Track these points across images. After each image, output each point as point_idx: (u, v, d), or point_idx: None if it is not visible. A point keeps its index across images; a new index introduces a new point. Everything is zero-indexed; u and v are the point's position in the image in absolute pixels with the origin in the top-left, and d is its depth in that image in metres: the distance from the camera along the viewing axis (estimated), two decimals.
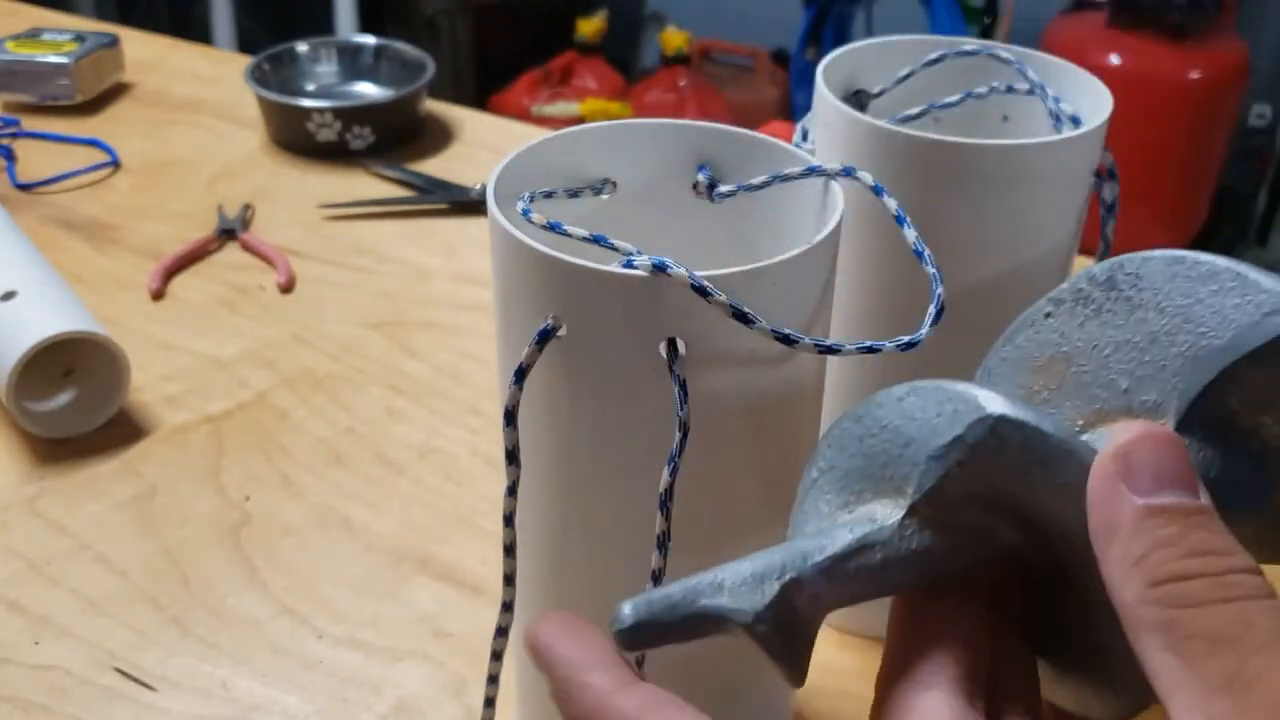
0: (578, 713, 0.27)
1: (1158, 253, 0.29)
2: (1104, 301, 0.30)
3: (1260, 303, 0.27)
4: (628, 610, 0.27)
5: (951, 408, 0.27)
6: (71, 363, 0.68)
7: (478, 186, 0.93)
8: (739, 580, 0.27)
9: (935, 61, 0.52)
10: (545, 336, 0.36)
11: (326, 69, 1.08)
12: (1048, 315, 0.31)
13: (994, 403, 0.26)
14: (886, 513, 0.28)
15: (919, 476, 0.27)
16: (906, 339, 0.35)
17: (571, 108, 2.33)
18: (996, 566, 0.29)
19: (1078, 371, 0.30)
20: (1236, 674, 0.23)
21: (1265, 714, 0.22)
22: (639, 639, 0.27)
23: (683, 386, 0.34)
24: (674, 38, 2.43)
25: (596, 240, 0.38)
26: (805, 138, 0.51)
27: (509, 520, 0.39)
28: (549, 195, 0.41)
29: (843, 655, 0.54)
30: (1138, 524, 0.25)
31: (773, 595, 0.27)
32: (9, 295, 0.67)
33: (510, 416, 0.37)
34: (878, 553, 0.28)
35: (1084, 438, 0.29)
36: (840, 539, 0.28)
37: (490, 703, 0.44)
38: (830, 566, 0.27)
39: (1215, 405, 0.28)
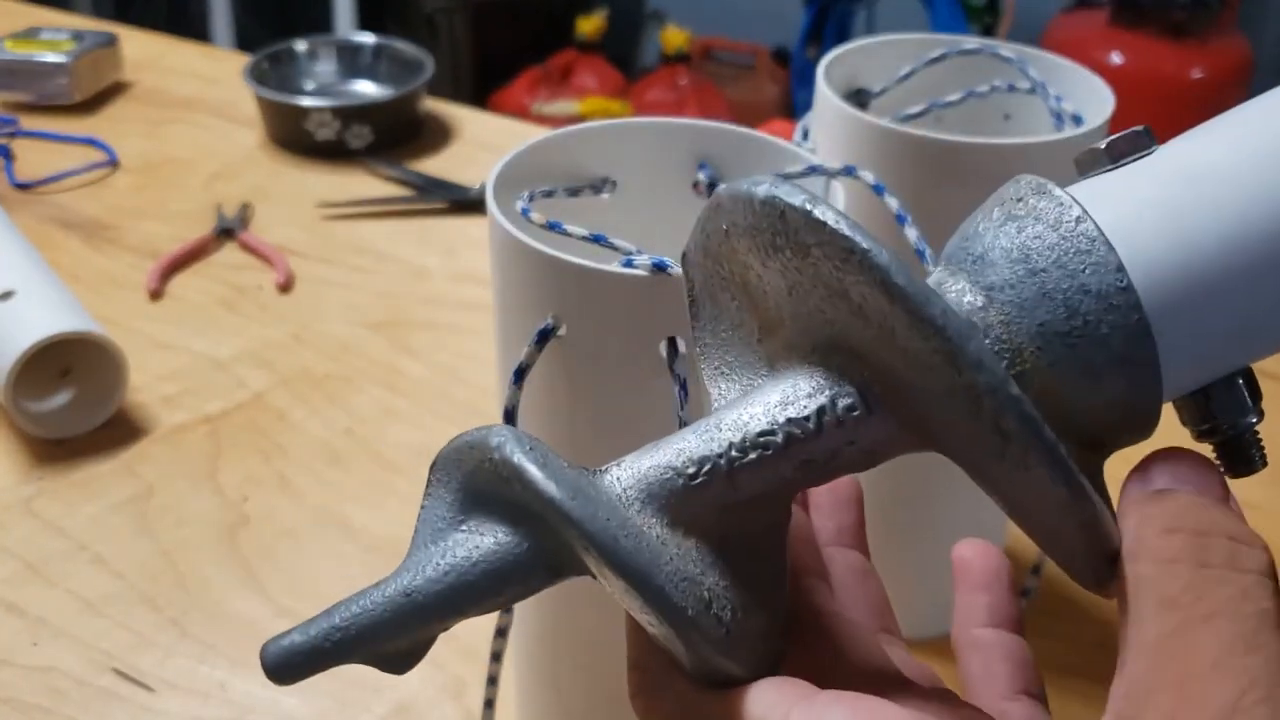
0: None
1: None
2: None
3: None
4: (268, 657, 0.27)
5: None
6: (69, 363, 0.68)
7: (477, 185, 0.93)
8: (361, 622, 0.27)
9: (936, 60, 0.52)
10: (545, 336, 0.36)
11: (325, 67, 1.07)
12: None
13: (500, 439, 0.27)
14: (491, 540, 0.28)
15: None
16: None
17: (571, 106, 2.33)
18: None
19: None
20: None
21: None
22: (287, 677, 0.27)
23: (683, 386, 0.34)
24: (674, 36, 2.42)
25: (596, 240, 0.38)
26: (806, 136, 0.51)
27: None
28: (549, 194, 0.41)
29: None
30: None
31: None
32: (6, 295, 0.67)
33: (510, 416, 0.37)
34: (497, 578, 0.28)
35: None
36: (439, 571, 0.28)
37: (490, 704, 0.44)
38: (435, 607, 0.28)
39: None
